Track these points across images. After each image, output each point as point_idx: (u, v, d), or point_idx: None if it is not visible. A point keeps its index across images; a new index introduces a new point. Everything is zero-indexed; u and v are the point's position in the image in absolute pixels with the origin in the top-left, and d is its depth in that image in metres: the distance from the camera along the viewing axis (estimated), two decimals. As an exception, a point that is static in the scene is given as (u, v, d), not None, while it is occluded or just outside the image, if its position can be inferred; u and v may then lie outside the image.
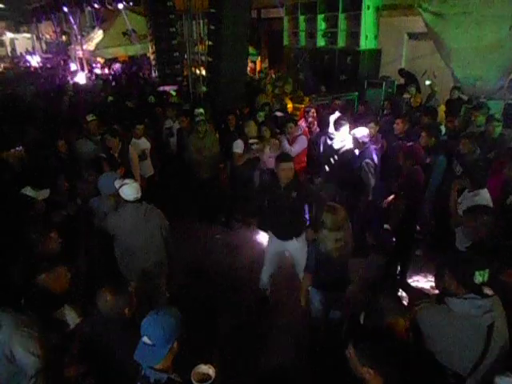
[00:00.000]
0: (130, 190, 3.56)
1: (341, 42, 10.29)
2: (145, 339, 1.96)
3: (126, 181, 3.62)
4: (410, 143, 4.88)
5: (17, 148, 4.80)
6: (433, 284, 4.32)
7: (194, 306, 4.01)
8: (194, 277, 4.99)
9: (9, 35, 23.68)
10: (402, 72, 9.02)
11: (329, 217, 3.22)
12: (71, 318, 2.66)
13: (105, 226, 3.63)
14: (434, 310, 2.35)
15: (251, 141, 5.63)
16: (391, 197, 4.71)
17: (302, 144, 5.73)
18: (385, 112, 7.19)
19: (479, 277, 2.20)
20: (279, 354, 3.86)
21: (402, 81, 8.91)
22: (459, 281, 2.26)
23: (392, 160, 5.28)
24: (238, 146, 5.73)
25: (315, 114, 6.60)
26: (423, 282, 4.79)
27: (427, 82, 7.78)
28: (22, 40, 23.78)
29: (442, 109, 6.91)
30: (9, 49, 23.57)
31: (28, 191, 3.90)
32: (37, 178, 4.23)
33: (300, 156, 5.72)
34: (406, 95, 7.67)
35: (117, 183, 3.67)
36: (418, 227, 4.94)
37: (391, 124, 5.75)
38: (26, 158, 4.87)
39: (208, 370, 2.04)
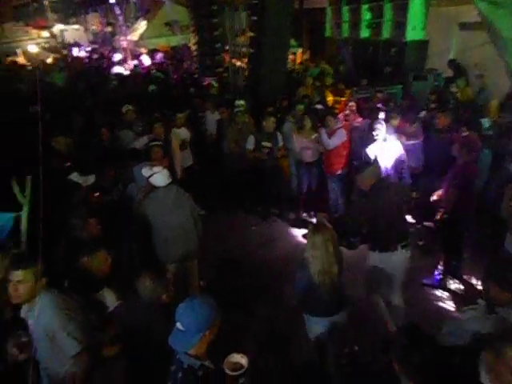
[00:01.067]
0: (160, 178, 3.68)
1: (385, 33, 9.96)
2: (178, 325, 1.99)
3: (155, 169, 3.72)
4: (465, 133, 4.66)
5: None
6: (478, 288, 4.15)
7: (226, 296, 4.04)
8: (227, 267, 5.04)
9: (59, 27, 24.61)
10: (451, 63, 8.57)
11: (309, 236, 2.95)
12: (110, 300, 2.75)
13: (142, 211, 3.74)
14: (483, 320, 2.22)
15: (263, 143, 5.68)
16: (440, 191, 4.50)
17: (340, 137, 5.60)
18: (431, 106, 6.88)
19: None
20: (310, 345, 3.84)
21: (451, 73, 8.50)
22: (510, 291, 2.13)
23: (436, 154, 5.11)
24: (250, 143, 5.78)
25: (354, 108, 6.45)
26: (467, 285, 4.58)
27: (476, 74, 7.38)
28: (70, 31, 24.64)
29: (493, 104, 6.53)
30: (59, 40, 24.51)
31: (75, 177, 4.06)
32: (83, 165, 4.41)
33: (339, 149, 5.62)
34: (453, 88, 7.32)
35: (145, 172, 3.75)
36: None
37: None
38: (73, 144, 5.06)
39: (241, 359, 2.04)
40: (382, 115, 5.91)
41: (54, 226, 3.21)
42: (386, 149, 5.07)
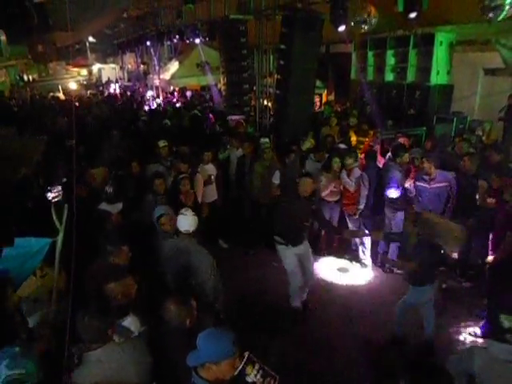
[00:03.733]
0: (184, 222, 3.61)
1: (410, 77, 10.17)
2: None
3: (186, 212, 3.65)
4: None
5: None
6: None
7: (244, 331, 4.06)
8: (246, 301, 5.07)
9: (97, 65, 26.26)
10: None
11: None
12: (135, 326, 2.81)
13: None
14: None
15: None
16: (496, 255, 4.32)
17: (356, 176, 5.75)
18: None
19: None
20: None
21: (476, 116, 8.53)
22: None
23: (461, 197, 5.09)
24: (276, 177, 5.89)
25: (377, 150, 6.54)
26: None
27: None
28: (107, 69, 26.21)
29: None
30: (96, 77, 26.06)
31: (104, 206, 4.27)
32: (112, 194, 4.61)
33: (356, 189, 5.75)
34: (478, 132, 7.36)
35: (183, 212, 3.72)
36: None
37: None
38: (107, 176, 5.30)
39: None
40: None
41: (85, 252, 3.36)
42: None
